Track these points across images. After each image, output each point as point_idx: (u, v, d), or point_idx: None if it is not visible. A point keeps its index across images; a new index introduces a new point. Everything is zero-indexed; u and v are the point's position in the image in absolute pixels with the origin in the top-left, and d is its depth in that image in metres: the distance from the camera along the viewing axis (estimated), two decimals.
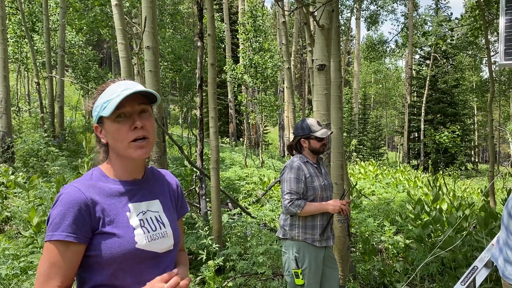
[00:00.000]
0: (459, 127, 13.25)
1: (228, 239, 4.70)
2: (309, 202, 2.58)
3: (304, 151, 2.72)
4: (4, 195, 5.74)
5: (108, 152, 1.25)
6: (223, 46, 18.10)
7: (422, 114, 23.93)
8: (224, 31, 17.68)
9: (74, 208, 1.09)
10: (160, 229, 1.23)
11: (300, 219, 2.61)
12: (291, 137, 2.86)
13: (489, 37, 9.42)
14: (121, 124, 1.16)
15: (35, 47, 12.64)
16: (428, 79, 24.26)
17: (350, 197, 5.21)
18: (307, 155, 2.72)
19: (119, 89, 1.16)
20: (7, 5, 12.01)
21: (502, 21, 3.16)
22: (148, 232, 1.19)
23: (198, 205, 5.59)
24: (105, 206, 1.15)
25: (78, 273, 1.17)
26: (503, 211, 2.15)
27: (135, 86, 1.18)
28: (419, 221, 4.88)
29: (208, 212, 5.13)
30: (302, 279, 2.54)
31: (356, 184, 7.99)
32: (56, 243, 1.09)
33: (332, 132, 2.87)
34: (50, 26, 11.18)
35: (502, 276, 2.16)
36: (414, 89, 26.53)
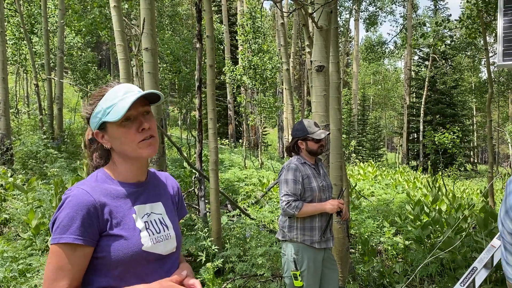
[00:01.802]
0: (458, 128, 13.25)
1: (227, 241, 4.69)
2: (306, 203, 2.57)
3: (302, 152, 2.72)
4: (2, 197, 5.72)
5: (104, 156, 1.25)
6: (222, 47, 18.10)
7: (421, 115, 23.91)
8: (223, 33, 17.69)
9: (83, 211, 1.09)
10: (164, 231, 1.24)
11: (298, 220, 2.60)
12: (290, 138, 2.88)
13: (487, 38, 9.43)
14: (127, 128, 1.16)
15: (34, 49, 12.63)
16: (427, 80, 24.24)
17: (349, 198, 5.21)
18: (304, 156, 2.71)
19: (120, 93, 1.16)
20: (6, 7, 12.01)
21: (500, 22, 3.17)
22: (153, 234, 1.19)
23: (197, 207, 5.59)
24: (112, 208, 1.15)
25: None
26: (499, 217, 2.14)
27: (136, 89, 1.18)
28: (419, 222, 4.88)
29: (207, 213, 5.13)
30: (300, 281, 2.53)
31: (356, 185, 7.99)
32: (63, 246, 1.08)
33: (329, 133, 2.87)
34: (49, 28, 11.17)
35: (507, 278, 2.17)
36: (413, 90, 26.53)
